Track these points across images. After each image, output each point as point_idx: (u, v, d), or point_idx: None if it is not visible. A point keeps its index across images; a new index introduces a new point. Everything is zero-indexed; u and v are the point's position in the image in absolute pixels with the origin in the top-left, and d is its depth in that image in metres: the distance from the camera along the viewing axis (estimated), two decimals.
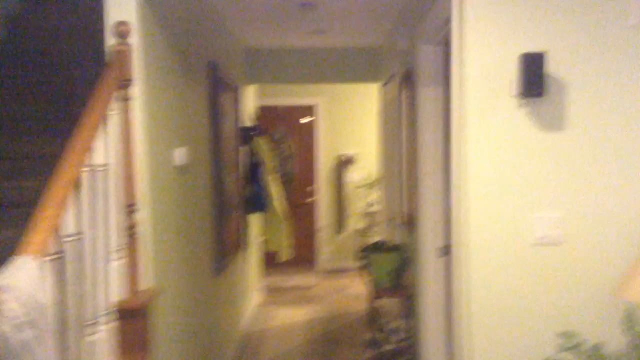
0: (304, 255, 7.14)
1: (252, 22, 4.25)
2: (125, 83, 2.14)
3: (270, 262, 6.44)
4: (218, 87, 3.71)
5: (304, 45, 5.21)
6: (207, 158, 3.43)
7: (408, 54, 3.64)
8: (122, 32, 2.14)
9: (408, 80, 3.54)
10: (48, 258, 1.52)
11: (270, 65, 5.38)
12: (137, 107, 2.20)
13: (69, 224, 1.66)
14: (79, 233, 1.71)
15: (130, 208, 2.10)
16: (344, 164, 7.12)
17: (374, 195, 6.89)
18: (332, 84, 6.70)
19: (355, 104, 7.10)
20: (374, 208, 6.90)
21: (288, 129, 7.18)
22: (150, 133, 2.29)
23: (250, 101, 5.65)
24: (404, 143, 3.87)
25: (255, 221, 5.51)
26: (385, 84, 5.01)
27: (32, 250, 1.43)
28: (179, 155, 2.66)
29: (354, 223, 7.18)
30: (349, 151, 7.15)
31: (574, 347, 2.11)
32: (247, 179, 5.02)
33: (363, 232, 6.96)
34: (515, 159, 2.17)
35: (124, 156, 2.11)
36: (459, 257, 2.29)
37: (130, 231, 2.10)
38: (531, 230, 2.17)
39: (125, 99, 2.14)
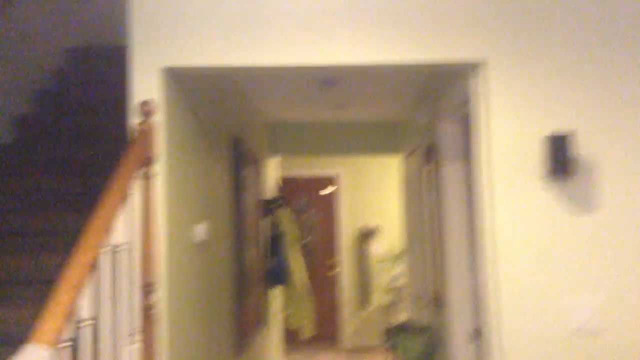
0: (326, 332, 6.91)
1: (275, 99, 4.32)
2: (147, 161, 2.13)
3: (291, 339, 6.22)
4: (241, 161, 3.73)
5: (325, 118, 5.27)
6: (228, 232, 3.39)
7: (429, 129, 3.63)
8: (145, 111, 2.16)
9: (430, 154, 3.51)
10: (61, 346, 1.45)
11: (292, 138, 5.44)
12: (159, 185, 2.18)
13: (85, 308, 1.59)
14: (94, 317, 1.65)
15: (147, 288, 2.04)
16: (366, 236, 7.02)
17: (398, 268, 6.73)
18: (354, 156, 6.72)
19: (377, 176, 7.09)
20: (399, 282, 6.71)
21: (309, 200, 7.16)
22: (171, 210, 2.26)
23: (272, 173, 5.68)
24: (427, 217, 3.78)
25: (276, 296, 5.38)
26: (407, 157, 4.99)
27: (44, 339, 1.37)
28: (200, 231, 2.62)
29: (378, 298, 6.97)
30: (371, 223, 7.07)
31: None
32: (268, 251, 4.95)
33: (388, 309, 6.74)
34: (546, 241, 2.08)
35: (143, 235, 2.07)
36: (491, 344, 2.15)
37: (147, 312, 2.03)
38: (567, 317, 2.04)
39: (147, 177, 2.13)
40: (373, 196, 7.10)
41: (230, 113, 3.60)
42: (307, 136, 5.44)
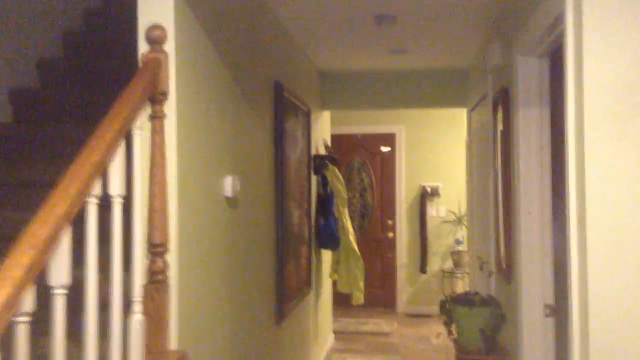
0: (382, 296, 6.55)
1: (324, 41, 3.87)
2: (156, 97, 1.78)
3: (344, 303, 5.90)
4: (284, 110, 3.34)
5: (383, 66, 4.76)
6: (268, 189, 3.04)
7: (503, 69, 3.09)
8: (155, 37, 1.80)
9: (504, 100, 2.99)
10: (16, 319, 1.14)
11: (346, 90, 4.97)
12: (170, 127, 1.83)
13: (56, 273, 1.28)
14: (70, 285, 1.33)
15: (156, 249, 1.72)
16: (427, 196, 6.53)
17: (462, 232, 6.23)
18: (414, 110, 6.18)
19: (440, 132, 6.52)
20: (462, 247, 6.23)
21: (366, 158, 6.71)
22: (185, 159, 1.91)
23: (325, 127, 5.26)
24: (498, 174, 3.28)
25: (326, 260, 5.04)
26: (473, 109, 4.44)
27: None
28: (226, 186, 2.27)
29: (440, 262, 6.52)
30: (433, 183, 6.56)
31: None
32: (319, 211, 4.59)
33: (448, 276, 6.28)
34: None
35: (151, 186, 1.73)
36: (571, 324, 1.71)
37: (155, 278, 1.71)
38: None
39: (156, 117, 1.78)
40: (435, 154, 6.55)
41: (272, 55, 3.19)
42: (363, 88, 4.95)
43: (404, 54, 4.26)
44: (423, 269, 6.52)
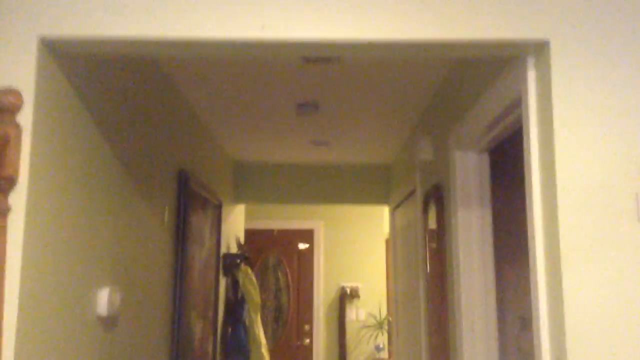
0: None
1: (240, 130, 3.51)
2: (0, 185, 1.28)
3: None
4: (190, 203, 2.86)
5: (303, 159, 4.46)
6: (164, 298, 2.48)
7: (434, 165, 2.84)
8: (5, 105, 1.33)
9: (437, 197, 2.70)
10: None
11: (263, 182, 4.59)
12: (16, 227, 1.31)
13: None
14: None
15: None
16: (347, 298, 6.09)
17: (383, 337, 5.79)
18: (333, 206, 5.88)
19: (359, 229, 6.23)
20: (382, 354, 5.75)
21: (282, 256, 6.24)
22: (41, 266, 1.38)
23: (239, 222, 4.79)
24: (427, 277, 2.93)
25: None
26: (397, 206, 4.18)
27: None
28: (104, 299, 1.72)
29: None
30: (352, 283, 6.16)
31: None
32: (227, 319, 4.00)
33: None
34: None
35: None
36: None
37: None
38: None
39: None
40: (356, 253, 6.20)
41: (177, 140, 2.77)
42: (281, 181, 4.59)
43: (326, 146, 3.98)
44: None
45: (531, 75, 1.50)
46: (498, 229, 2.31)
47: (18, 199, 1.32)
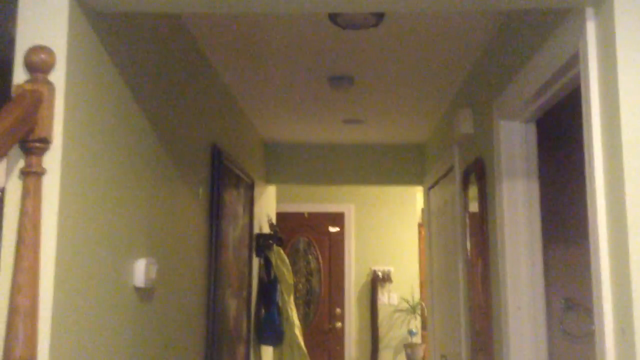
0: None
1: (272, 108, 3.45)
2: (33, 146, 1.24)
3: None
4: (224, 180, 2.82)
5: (335, 139, 4.37)
6: (199, 274, 2.44)
7: (475, 139, 2.73)
8: (37, 63, 1.28)
9: (479, 172, 2.59)
10: None
11: (293, 163, 4.52)
12: (51, 189, 1.27)
13: None
14: None
15: None
16: (379, 281, 6.02)
17: (416, 322, 5.71)
18: (364, 188, 5.79)
19: (391, 212, 6.13)
20: (416, 338, 5.67)
21: (313, 239, 6.19)
22: (77, 234, 1.34)
23: (271, 204, 4.75)
24: (467, 259, 2.83)
25: (269, 355, 4.35)
26: (432, 186, 4.07)
27: None
28: (141, 270, 1.68)
29: (392, 356, 5.91)
30: (384, 267, 6.08)
31: None
32: (261, 300, 3.97)
33: None
34: None
35: (18, 273, 1.15)
36: None
37: None
38: None
39: (31, 173, 1.22)
40: (388, 236, 6.12)
41: (211, 115, 2.71)
42: (312, 162, 4.52)
43: (359, 124, 3.89)
44: None
45: (591, 27, 1.38)
46: (541, 205, 2.20)
47: (52, 161, 1.27)
